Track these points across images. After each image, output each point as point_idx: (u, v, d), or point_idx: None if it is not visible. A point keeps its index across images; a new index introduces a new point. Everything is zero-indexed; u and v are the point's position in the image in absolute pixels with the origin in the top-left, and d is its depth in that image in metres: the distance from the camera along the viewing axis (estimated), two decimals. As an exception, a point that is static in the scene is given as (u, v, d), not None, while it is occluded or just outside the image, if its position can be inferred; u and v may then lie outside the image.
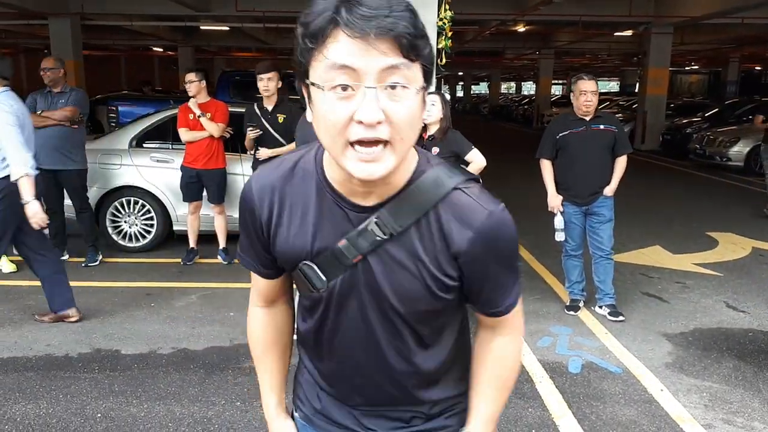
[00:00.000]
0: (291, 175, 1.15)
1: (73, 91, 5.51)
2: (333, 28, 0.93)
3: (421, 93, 0.99)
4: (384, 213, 1.07)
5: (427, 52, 0.98)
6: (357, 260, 1.10)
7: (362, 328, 1.17)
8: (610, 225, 4.62)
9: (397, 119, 0.95)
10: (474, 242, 1.08)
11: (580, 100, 4.44)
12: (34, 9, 13.87)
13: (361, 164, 0.97)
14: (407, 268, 1.10)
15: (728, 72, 27.28)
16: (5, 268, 5.49)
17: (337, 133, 0.96)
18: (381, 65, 0.93)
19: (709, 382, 3.69)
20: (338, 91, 0.94)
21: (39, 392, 3.43)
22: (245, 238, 1.23)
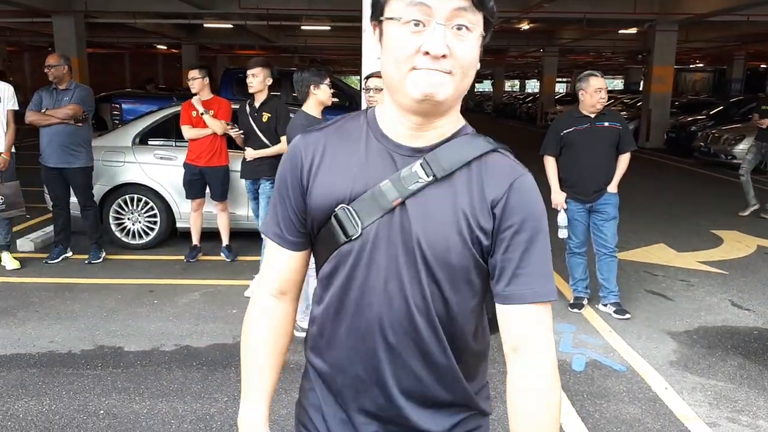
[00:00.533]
0: (340, 127, 1.20)
1: (77, 88, 5.51)
2: None
3: (480, 40, 1.08)
4: (430, 155, 1.12)
5: (491, 5, 1.08)
6: (396, 203, 1.11)
7: (393, 284, 1.13)
8: (614, 222, 4.60)
9: (459, 55, 1.04)
10: (510, 195, 1.11)
11: (595, 97, 4.42)
12: (39, 6, 13.89)
13: (425, 79, 1.04)
14: (444, 214, 1.11)
15: (733, 70, 27.16)
16: (9, 265, 5.50)
17: (404, 60, 1.05)
18: (452, 5, 1.03)
19: (714, 380, 3.67)
20: (411, 25, 1.04)
21: (42, 389, 3.43)
22: (277, 200, 1.23)
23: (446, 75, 1.05)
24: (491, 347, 1.34)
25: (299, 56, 30.47)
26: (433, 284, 1.13)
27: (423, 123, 1.12)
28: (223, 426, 3.07)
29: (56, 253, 5.72)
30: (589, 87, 4.43)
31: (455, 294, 1.15)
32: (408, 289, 1.13)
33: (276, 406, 3.27)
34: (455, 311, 1.16)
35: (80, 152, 5.49)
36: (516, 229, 1.12)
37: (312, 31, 21.78)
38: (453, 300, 1.15)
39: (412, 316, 1.14)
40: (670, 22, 15.63)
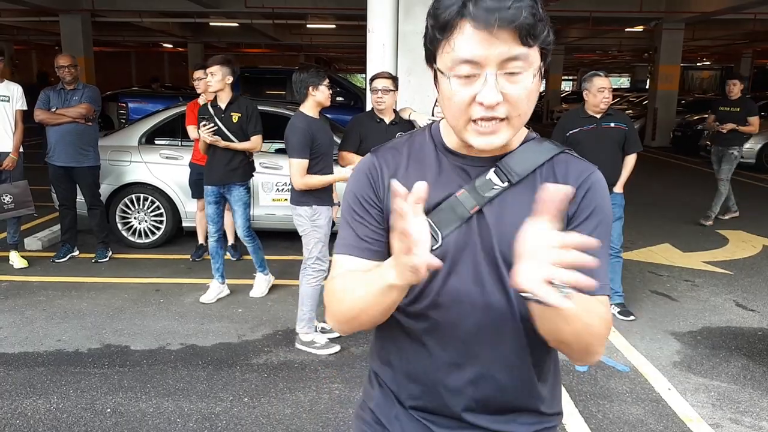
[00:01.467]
0: (409, 142, 1.23)
1: (86, 88, 5.56)
2: (459, 20, 1.01)
3: (539, 71, 1.07)
4: (503, 162, 1.14)
5: (545, 35, 1.05)
6: (474, 211, 1.12)
7: (474, 291, 1.13)
8: (618, 223, 4.60)
9: (514, 99, 1.04)
10: (584, 188, 1.14)
11: (598, 97, 4.43)
12: (46, 5, 13.96)
13: (480, 137, 1.07)
14: (523, 217, 1.07)
15: (740, 68, 27.02)
16: (17, 263, 5.55)
17: (461, 112, 1.06)
18: (502, 57, 1.01)
19: (718, 381, 3.67)
20: (462, 79, 1.04)
21: (49, 387, 3.46)
22: (352, 219, 1.19)
23: (501, 123, 1.06)
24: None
25: (305, 54, 30.48)
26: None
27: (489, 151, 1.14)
28: (228, 425, 3.10)
29: (63, 252, 5.77)
30: (593, 87, 4.45)
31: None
32: (491, 295, 1.14)
33: (281, 405, 3.29)
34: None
35: (89, 151, 5.55)
36: (585, 221, 1.14)
37: (317, 29, 21.79)
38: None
39: (495, 322, 1.15)
40: (677, 20, 15.57)
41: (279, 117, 6.14)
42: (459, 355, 1.17)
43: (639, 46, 23.54)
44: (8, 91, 5.41)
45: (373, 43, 5.34)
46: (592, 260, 0.88)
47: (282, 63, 28.81)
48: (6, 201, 5.36)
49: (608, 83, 4.46)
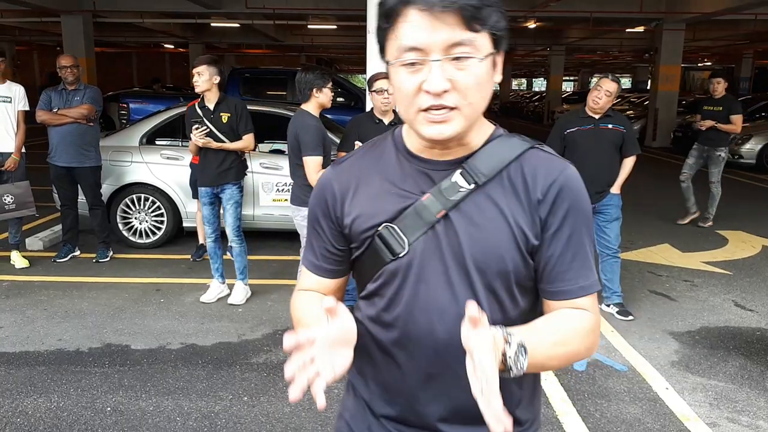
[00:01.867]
0: (369, 151, 1.20)
1: (87, 88, 5.59)
2: (403, 7, 1.00)
3: (490, 58, 1.04)
4: (468, 163, 1.11)
5: (494, 19, 1.02)
6: (440, 215, 1.09)
7: (445, 298, 1.10)
8: (617, 223, 4.62)
9: (463, 86, 1.01)
10: (554, 189, 1.10)
11: (592, 94, 4.50)
12: (48, 6, 13.99)
13: (431, 126, 1.03)
14: (492, 221, 1.08)
15: (741, 68, 27.02)
16: (18, 263, 5.57)
17: (409, 102, 1.04)
18: (446, 42, 0.99)
19: (715, 380, 3.69)
20: (408, 66, 1.02)
21: (50, 386, 3.49)
22: (312, 234, 1.23)
23: (452, 112, 1.02)
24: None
25: (305, 55, 30.51)
26: (490, 294, 1.11)
27: (447, 146, 1.11)
28: (227, 423, 3.12)
29: (64, 252, 5.79)
30: (593, 85, 4.55)
31: (512, 301, 1.13)
32: (462, 302, 1.08)
33: (280, 404, 3.31)
34: (512, 319, 1.13)
35: (90, 152, 5.57)
36: (561, 225, 1.10)
37: (318, 30, 21.82)
38: (510, 307, 1.13)
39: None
40: (677, 20, 15.58)
41: (280, 117, 6.17)
42: (431, 365, 1.13)
43: (640, 46, 23.54)
44: (10, 92, 5.44)
45: (373, 44, 5.36)
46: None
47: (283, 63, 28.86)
48: (7, 201, 5.39)
49: (610, 86, 4.43)
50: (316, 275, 1.25)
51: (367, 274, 1.18)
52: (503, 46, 1.06)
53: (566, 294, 1.12)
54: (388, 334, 1.16)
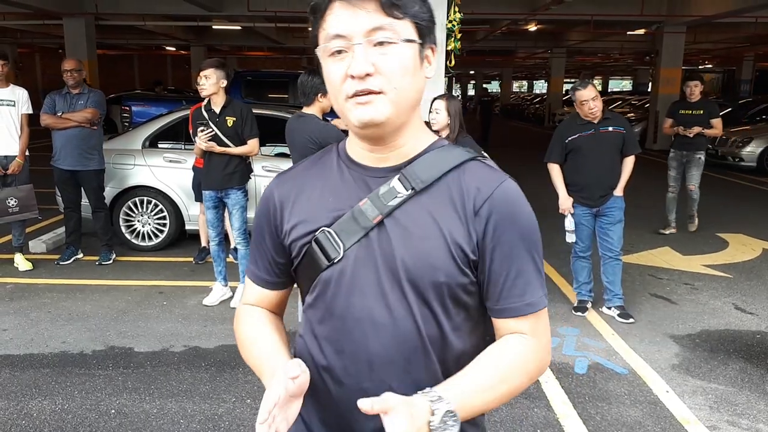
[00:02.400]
0: (313, 162, 1.22)
1: (91, 92, 5.62)
2: (330, 2, 1.04)
3: (416, 47, 1.06)
4: (407, 169, 1.10)
5: (417, 9, 1.05)
6: (377, 221, 1.08)
7: (378, 309, 1.07)
8: (620, 226, 4.64)
9: (386, 70, 1.03)
10: (491, 202, 1.08)
11: (583, 109, 4.50)
12: (50, 9, 14.03)
13: (358, 108, 1.04)
14: (426, 230, 1.07)
15: (742, 71, 27.04)
16: (22, 266, 5.60)
17: (338, 90, 1.05)
18: (366, 27, 1.02)
19: (715, 384, 3.71)
20: (335, 55, 1.05)
21: (54, 388, 3.51)
22: (255, 243, 1.25)
23: (378, 95, 1.03)
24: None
25: (307, 57, 30.55)
26: (423, 307, 1.08)
27: (381, 146, 1.11)
28: (231, 426, 3.14)
29: (68, 255, 5.82)
30: (576, 101, 4.53)
31: (446, 314, 1.10)
32: (395, 313, 1.07)
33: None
34: (449, 335, 1.11)
35: (94, 155, 5.61)
36: (500, 239, 1.08)
37: (320, 32, 21.79)
38: (444, 320, 1.10)
39: (401, 343, 1.08)
40: (678, 23, 15.60)
41: (282, 121, 6.18)
42: (366, 379, 1.09)
43: (641, 49, 23.56)
44: (14, 95, 5.47)
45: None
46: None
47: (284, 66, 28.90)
48: (11, 204, 5.42)
49: (588, 93, 4.45)
50: (259, 287, 1.26)
51: (305, 285, 1.18)
52: (431, 40, 1.09)
53: (512, 312, 1.10)
54: (323, 347, 1.14)
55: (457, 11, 5.22)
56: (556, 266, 5.94)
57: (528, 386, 1.12)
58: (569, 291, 5.22)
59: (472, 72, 47.74)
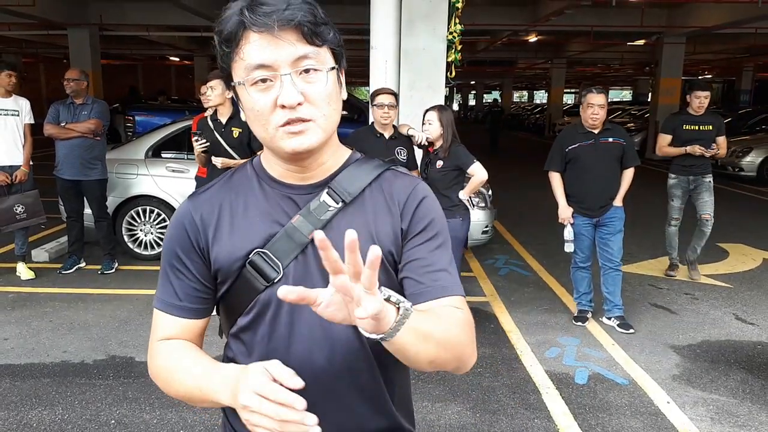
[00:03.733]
0: (227, 182, 1.18)
1: (95, 103, 5.66)
2: (243, 30, 1.02)
3: (334, 73, 1.08)
4: (334, 183, 1.13)
5: (332, 36, 1.07)
6: (312, 236, 1.07)
7: (321, 324, 1.05)
8: (620, 236, 4.65)
9: (314, 98, 1.04)
10: (410, 200, 1.14)
11: (587, 112, 4.53)
12: (55, 19, 14.14)
13: (291, 138, 1.05)
14: (360, 242, 0.99)
15: (742, 81, 27.13)
16: (24, 275, 5.62)
17: (266, 120, 1.05)
18: (292, 56, 1.02)
19: (716, 394, 3.70)
20: (259, 84, 1.03)
21: (55, 398, 3.52)
22: (169, 271, 1.16)
23: (308, 123, 1.05)
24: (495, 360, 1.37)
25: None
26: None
27: (306, 165, 1.13)
28: (231, 436, 3.14)
29: (70, 264, 5.84)
30: (584, 101, 4.57)
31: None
32: (337, 327, 1.06)
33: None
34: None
35: (96, 165, 5.64)
36: (418, 232, 1.13)
37: (322, 43, 21.89)
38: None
39: (345, 354, 1.11)
40: (678, 34, 15.68)
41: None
42: (313, 393, 1.05)
43: (640, 59, 23.65)
44: (17, 105, 5.52)
45: (376, 59, 5.43)
46: (376, 254, 0.84)
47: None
48: (19, 211, 5.45)
49: (599, 99, 4.48)
50: (180, 318, 1.16)
51: (237, 308, 1.15)
52: (343, 63, 1.12)
53: (428, 294, 1.10)
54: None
55: (457, 23, 5.26)
56: (555, 275, 5.95)
57: (461, 349, 1.06)
58: (569, 301, 5.23)
59: (472, 82, 47.88)
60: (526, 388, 3.71)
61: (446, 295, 1.11)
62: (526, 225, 8.17)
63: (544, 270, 6.17)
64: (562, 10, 12.85)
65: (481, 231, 5.93)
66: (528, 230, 7.85)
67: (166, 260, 1.17)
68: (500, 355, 4.11)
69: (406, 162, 4.39)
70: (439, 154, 4.35)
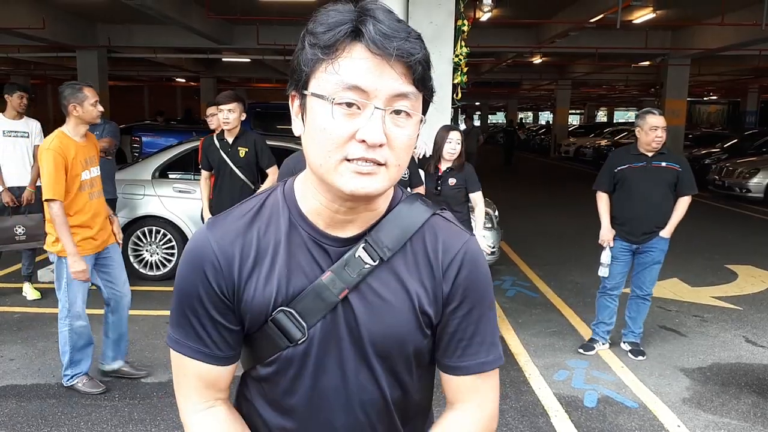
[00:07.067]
0: (257, 217, 1.03)
1: (106, 123, 5.72)
2: (351, 42, 0.90)
3: (419, 124, 0.97)
4: (373, 236, 1.01)
5: (431, 84, 0.98)
6: (343, 296, 0.99)
7: (344, 389, 1.03)
8: (657, 268, 4.43)
9: (397, 144, 0.93)
10: (456, 262, 1.04)
11: (650, 135, 4.23)
12: (65, 42, 14.33)
13: (356, 178, 0.92)
14: (394, 301, 1.01)
15: (747, 102, 27.18)
16: (29, 295, 5.62)
17: (335, 148, 0.91)
18: (392, 91, 0.91)
19: (727, 418, 3.65)
20: (344, 107, 0.91)
21: (61, 419, 3.49)
22: (190, 309, 1.02)
23: (379, 167, 0.93)
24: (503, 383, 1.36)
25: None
26: (390, 377, 1.05)
27: (356, 208, 1.00)
28: (237, 459, 3.11)
29: (76, 284, 5.83)
30: (645, 125, 4.25)
31: (412, 379, 1.08)
32: (363, 392, 1.04)
33: None
34: (412, 393, 1.10)
35: (106, 185, 5.65)
36: (463, 299, 1.05)
37: (327, 64, 22.07)
38: (410, 384, 1.08)
39: (369, 418, 1.06)
40: (682, 56, 15.75)
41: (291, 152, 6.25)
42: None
43: (646, 80, 23.74)
44: (28, 127, 5.57)
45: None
46: None
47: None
48: (18, 232, 5.45)
49: (662, 121, 4.24)
50: (214, 366, 1.04)
51: (258, 357, 1.05)
52: (424, 119, 0.99)
53: (466, 369, 1.07)
54: (283, 421, 1.07)
55: (463, 45, 5.31)
56: (563, 297, 5.91)
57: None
58: (578, 323, 5.19)
59: (477, 103, 48.13)
60: (535, 411, 3.67)
61: (483, 371, 1.08)
62: (533, 245, 8.15)
63: (551, 291, 6.13)
64: (567, 32, 12.95)
65: (488, 252, 5.92)
66: (534, 251, 7.83)
67: (186, 301, 1.02)
68: (508, 378, 4.07)
69: (409, 179, 4.40)
70: (453, 172, 4.42)
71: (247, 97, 27.45)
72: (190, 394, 1.07)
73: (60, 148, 3.59)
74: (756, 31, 11.17)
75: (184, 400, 1.08)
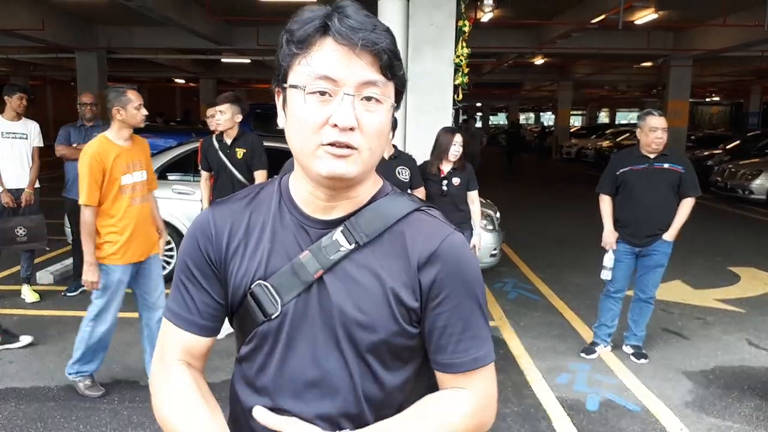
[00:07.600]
0: (252, 201, 1.13)
1: (105, 125, 5.69)
2: (321, 36, 0.98)
3: (392, 111, 1.04)
4: (351, 221, 1.05)
5: (401, 74, 1.04)
6: (318, 275, 1.03)
7: (314, 367, 1.05)
8: (660, 271, 4.40)
9: (368, 129, 0.99)
10: (436, 256, 1.04)
11: (650, 137, 4.19)
12: (65, 43, 14.32)
13: (331, 160, 0.98)
14: (367, 286, 1.03)
15: (750, 103, 27.15)
16: (28, 297, 5.60)
17: (311, 133, 0.99)
18: (360, 79, 0.97)
19: (730, 421, 3.63)
20: (317, 95, 0.98)
21: (59, 422, 3.47)
22: (186, 282, 1.12)
23: (353, 151, 0.98)
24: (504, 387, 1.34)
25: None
26: (362, 364, 1.05)
27: (335, 194, 1.05)
28: (236, 463, 3.08)
29: (75, 286, 5.81)
30: (645, 126, 4.22)
31: (387, 371, 1.08)
32: (332, 373, 1.05)
33: None
34: (389, 388, 1.08)
35: None
36: (447, 294, 1.05)
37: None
38: (385, 377, 1.08)
39: (335, 400, 1.06)
40: (684, 57, 15.73)
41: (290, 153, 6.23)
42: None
43: (648, 81, 23.73)
44: (26, 128, 5.55)
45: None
46: None
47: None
48: (19, 234, 5.44)
49: (662, 123, 4.19)
50: (188, 333, 1.12)
51: (242, 335, 1.12)
52: (399, 107, 1.06)
53: (458, 367, 1.07)
54: (257, 401, 1.09)
55: (464, 46, 5.29)
56: (565, 299, 5.88)
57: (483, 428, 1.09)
58: (579, 325, 5.16)
59: (479, 104, 48.14)
60: (537, 414, 3.65)
61: (476, 367, 1.08)
62: (535, 248, 8.12)
63: (553, 294, 6.10)
64: (569, 33, 12.93)
65: (489, 254, 5.89)
66: (536, 253, 7.80)
67: (179, 270, 1.13)
68: (510, 381, 4.05)
69: (409, 181, 4.39)
70: (457, 172, 4.57)
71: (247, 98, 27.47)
72: (165, 353, 1.14)
73: (98, 153, 3.54)
74: (758, 32, 11.14)
75: (158, 357, 1.15)
